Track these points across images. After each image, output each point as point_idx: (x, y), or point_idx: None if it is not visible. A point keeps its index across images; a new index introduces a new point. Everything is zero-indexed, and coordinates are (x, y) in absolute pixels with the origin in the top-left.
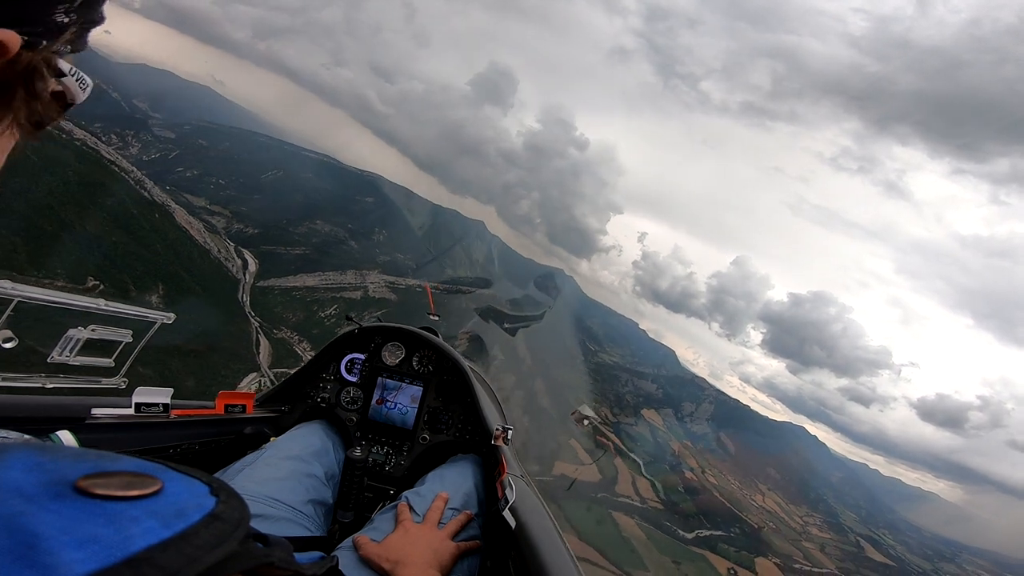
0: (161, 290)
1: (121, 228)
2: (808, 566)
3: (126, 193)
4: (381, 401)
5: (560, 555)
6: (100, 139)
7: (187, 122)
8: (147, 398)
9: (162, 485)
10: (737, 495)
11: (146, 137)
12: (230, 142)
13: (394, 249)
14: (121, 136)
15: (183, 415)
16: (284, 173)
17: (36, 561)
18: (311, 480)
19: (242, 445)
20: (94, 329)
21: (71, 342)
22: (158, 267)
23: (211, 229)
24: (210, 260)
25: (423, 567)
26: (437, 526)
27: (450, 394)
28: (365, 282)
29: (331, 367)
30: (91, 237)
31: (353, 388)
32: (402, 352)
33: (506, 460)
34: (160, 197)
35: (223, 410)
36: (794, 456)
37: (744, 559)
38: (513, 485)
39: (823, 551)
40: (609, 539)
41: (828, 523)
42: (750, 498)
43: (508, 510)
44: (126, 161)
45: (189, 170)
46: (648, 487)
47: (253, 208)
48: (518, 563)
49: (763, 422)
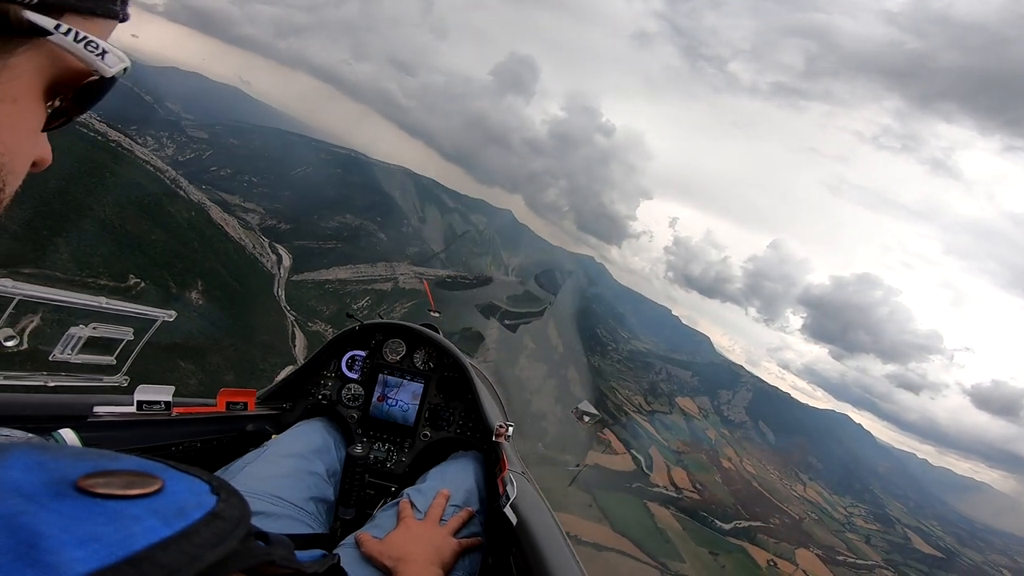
0: (200, 286)
1: (159, 227)
2: (852, 558)
3: (163, 192)
4: (382, 398)
5: (561, 551)
6: (136, 141)
7: (218, 122)
8: (149, 396)
9: (163, 484)
10: (777, 485)
11: (180, 138)
12: (260, 141)
13: (423, 240)
14: (156, 138)
15: (185, 413)
16: (313, 169)
17: (38, 560)
18: (313, 478)
19: (244, 443)
20: (95, 327)
21: (72, 340)
22: (196, 264)
23: (245, 226)
24: (245, 256)
25: (425, 564)
26: (439, 523)
27: (451, 391)
28: (395, 273)
29: (332, 364)
30: (131, 236)
31: (354, 385)
32: (403, 349)
33: (507, 457)
34: (195, 195)
35: (225, 407)
36: (837, 445)
37: (784, 550)
38: (514, 482)
39: (868, 543)
40: (644, 530)
41: (874, 514)
42: (791, 488)
43: (509, 507)
44: (161, 161)
45: (222, 169)
46: (684, 477)
47: (285, 204)
48: (519, 559)
49: (804, 410)
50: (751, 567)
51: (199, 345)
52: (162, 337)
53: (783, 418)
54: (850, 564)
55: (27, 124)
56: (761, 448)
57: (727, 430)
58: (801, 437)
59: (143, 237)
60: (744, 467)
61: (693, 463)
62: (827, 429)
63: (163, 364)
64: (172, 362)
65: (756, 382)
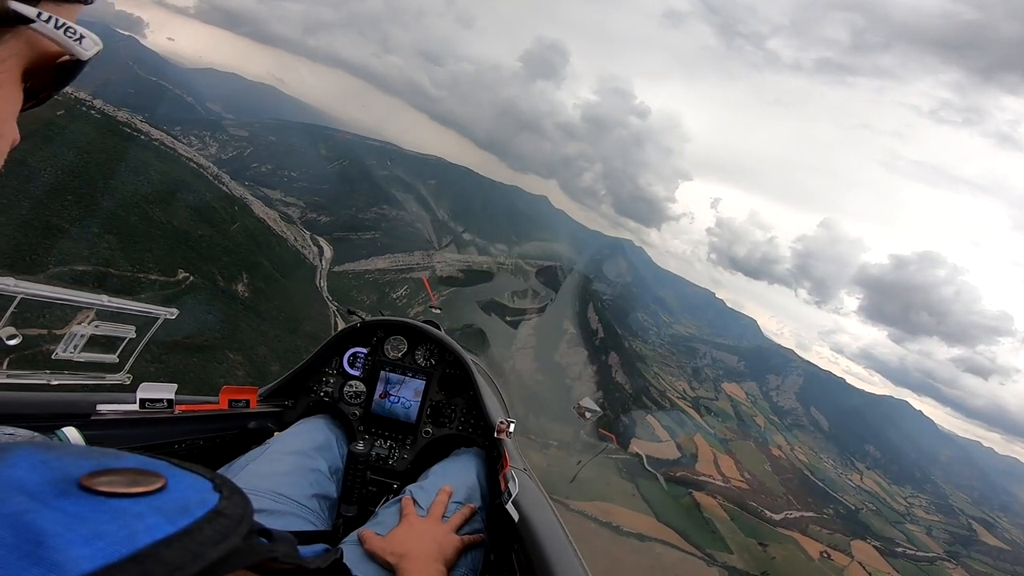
0: (246, 279)
1: (205, 221)
2: (912, 549)
3: (206, 188)
4: (384, 395)
5: (563, 548)
6: (178, 139)
7: (257, 120)
8: (152, 394)
9: (166, 482)
10: (831, 474)
11: (222, 137)
12: (297, 137)
13: (458, 228)
14: (200, 137)
15: (187, 410)
16: (350, 162)
17: (43, 558)
18: (315, 475)
19: (246, 440)
20: (98, 325)
21: (75, 338)
22: (241, 257)
23: (287, 219)
24: (288, 248)
25: (427, 561)
26: (441, 520)
27: (453, 387)
28: (432, 261)
29: (334, 361)
30: (178, 232)
31: (356, 382)
32: (404, 346)
33: (509, 453)
34: (237, 191)
35: (227, 405)
36: (896, 433)
37: (839, 542)
38: (516, 478)
39: (929, 534)
40: (689, 520)
41: (935, 504)
42: (846, 477)
43: (511, 503)
44: (204, 159)
45: (263, 165)
46: (731, 465)
47: (324, 197)
48: (521, 556)
49: (860, 396)
50: (803, 559)
51: (246, 337)
52: (210, 330)
53: (837, 404)
54: (909, 556)
55: (8, 108)
56: (814, 436)
57: (776, 417)
58: (857, 424)
59: (189, 232)
60: (795, 455)
61: (741, 451)
62: (885, 416)
63: (213, 357)
64: (221, 354)
65: (807, 367)
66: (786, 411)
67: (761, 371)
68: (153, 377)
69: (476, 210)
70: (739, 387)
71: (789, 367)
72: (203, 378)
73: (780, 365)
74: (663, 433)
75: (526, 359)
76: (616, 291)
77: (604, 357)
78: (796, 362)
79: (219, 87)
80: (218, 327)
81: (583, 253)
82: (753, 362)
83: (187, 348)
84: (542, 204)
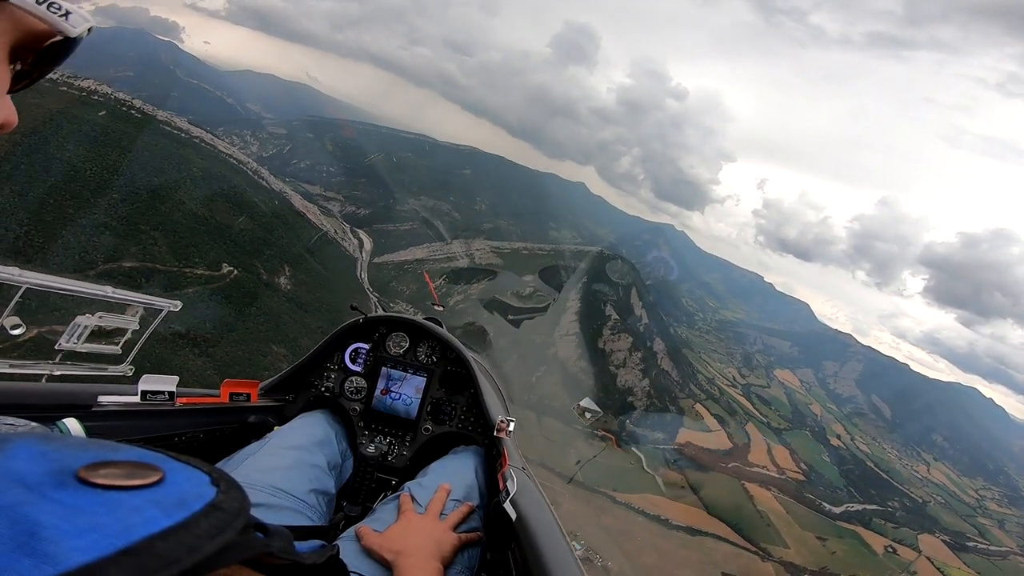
0: (288, 272)
1: (246, 215)
2: (984, 544)
3: (246, 184)
4: (385, 391)
5: (560, 547)
6: (219, 139)
7: (295, 118)
8: (153, 386)
9: (164, 475)
10: (896, 465)
11: (263, 135)
12: (333, 132)
13: (496, 216)
14: (241, 136)
15: (188, 403)
16: (385, 155)
17: (37, 549)
18: (314, 470)
19: (246, 434)
20: (101, 316)
21: (78, 329)
22: (283, 250)
23: (327, 213)
24: (328, 241)
25: (425, 558)
26: (439, 517)
27: (453, 385)
28: (471, 250)
29: (336, 357)
30: (221, 226)
31: (357, 378)
32: (406, 342)
33: (508, 452)
34: (277, 185)
35: (228, 398)
36: (966, 422)
37: (905, 536)
38: (514, 477)
39: (1002, 528)
40: (741, 513)
41: (1008, 497)
42: (912, 469)
43: (509, 502)
44: (243, 154)
45: (302, 161)
46: (786, 456)
47: (362, 191)
48: (518, 555)
49: (925, 383)
50: (866, 553)
51: (289, 329)
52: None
53: (901, 392)
54: (980, 550)
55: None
56: (876, 425)
57: (835, 405)
58: (923, 412)
59: (232, 227)
60: (856, 445)
61: (796, 441)
62: (953, 404)
63: (257, 349)
64: (266, 347)
65: (867, 352)
66: (845, 399)
67: (816, 357)
68: (201, 370)
69: (513, 198)
70: (793, 374)
71: (847, 353)
72: (248, 371)
73: (837, 351)
74: (712, 422)
75: (569, 346)
76: (659, 276)
77: (649, 343)
78: (855, 347)
79: (257, 88)
80: (262, 319)
81: (623, 239)
82: (807, 348)
83: (232, 342)
84: (579, 190)
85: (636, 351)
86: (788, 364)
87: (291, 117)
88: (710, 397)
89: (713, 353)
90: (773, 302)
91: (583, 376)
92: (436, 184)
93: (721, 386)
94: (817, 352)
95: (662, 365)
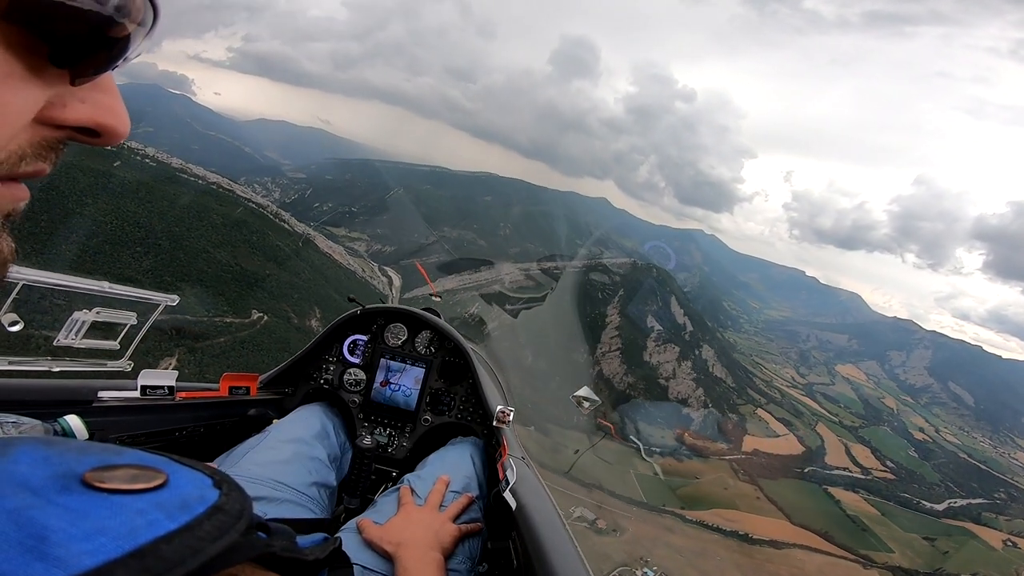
0: (318, 313)
1: (271, 261)
2: None
3: (268, 227)
4: (384, 383)
5: (560, 536)
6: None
7: (312, 162)
8: (153, 381)
9: (167, 478)
10: (991, 454)
11: (283, 181)
12: (351, 173)
13: (522, 239)
14: (262, 184)
15: (188, 397)
16: (404, 191)
17: (46, 553)
18: (314, 463)
19: (246, 427)
20: (99, 312)
21: (77, 325)
22: (311, 292)
23: (353, 253)
24: (356, 280)
25: (425, 549)
26: (439, 509)
27: (452, 376)
28: (501, 275)
29: (334, 349)
30: (247, 273)
31: (356, 370)
32: (405, 334)
33: (507, 442)
34: (299, 227)
35: (227, 392)
36: None
37: (1021, 527)
38: (514, 467)
39: None
40: (830, 519)
41: None
42: (1010, 457)
43: (508, 492)
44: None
45: (324, 204)
46: (868, 455)
47: (385, 228)
48: (518, 544)
49: (1002, 364)
50: (983, 550)
51: None
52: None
53: (979, 376)
54: None
55: None
56: (959, 414)
57: (909, 396)
58: (1007, 395)
59: (258, 272)
60: (942, 437)
61: (876, 438)
62: None
63: None
64: None
65: (934, 338)
66: (919, 389)
67: (879, 348)
68: None
69: (536, 220)
70: (856, 368)
71: (912, 340)
72: None
73: (900, 339)
74: (778, 427)
75: (612, 363)
76: (695, 282)
77: (697, 351)
78: (919, 334)
79: (272, 135)
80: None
81: (653, 250)
82: (867, 339)
83: None
84: (602, 206)
85: (685, 360)
86: (849, 358)
87: (309, 161)
88: (771, 401)
89: (766, 355)
90: (819, 296)
91: (632, 392)
92: (458, 214)
93: (781, 388)
94: (879, 343)
95: (715, 372)
